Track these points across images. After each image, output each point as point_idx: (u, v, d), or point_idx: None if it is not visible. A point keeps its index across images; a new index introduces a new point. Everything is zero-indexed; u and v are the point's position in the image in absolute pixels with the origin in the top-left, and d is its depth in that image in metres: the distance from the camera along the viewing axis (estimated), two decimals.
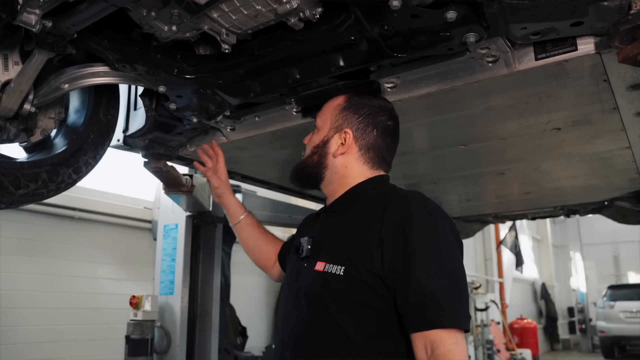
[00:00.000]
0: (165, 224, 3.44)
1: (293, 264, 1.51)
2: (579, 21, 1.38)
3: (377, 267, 1.24)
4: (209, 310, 3.43)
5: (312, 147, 1.58)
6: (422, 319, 1.17)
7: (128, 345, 3.03)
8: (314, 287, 1.34)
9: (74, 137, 1.97)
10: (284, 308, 1.50)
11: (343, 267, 1.28)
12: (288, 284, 1.52)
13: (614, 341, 13.06)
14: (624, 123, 2.07)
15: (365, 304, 1.25)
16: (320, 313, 1.31)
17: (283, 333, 1.45)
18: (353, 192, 1.49)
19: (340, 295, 1.28)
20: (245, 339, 5.17)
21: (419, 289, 1.19)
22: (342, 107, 1.57)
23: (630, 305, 12.76)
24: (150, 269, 4.85)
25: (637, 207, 3.73)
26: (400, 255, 1.22)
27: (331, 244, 1.39)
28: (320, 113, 1.64)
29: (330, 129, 1.55)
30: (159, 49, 1.69)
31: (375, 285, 1.24)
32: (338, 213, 1.46)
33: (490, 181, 3.09)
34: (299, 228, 1.72)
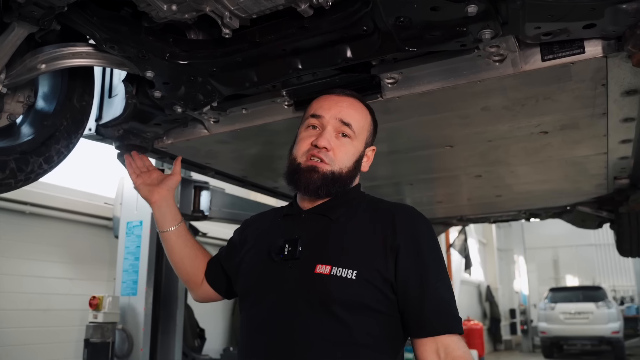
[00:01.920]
0: (128, 220, 3.26)
1: (267, 265, 1.40)
2: (591, 23, 1.37)
3: (390, 273, 1.29)
4: (173, 312, 3.29)
5: (354, 160, 1.46)
6: (437, 324, 1.27)
7: (87, 349, 2.85)
8: (318, 289, 1.29)
9: (46, 124, 1.81)
10: (256, 313, 1.37)
11: (355, 271, 1.28)
12: (258, 286, 1.40)
13: (553, 341, 13.63)
14: (609, 129, 2.11)
15: (373, 307, 1.28)
16: (323, 317, 1.26)
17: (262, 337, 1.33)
18: (343, 198, 1.46)
19: (350, 298, 1.27)
20: (203, 341, 5.01)
21: (432, 298, 1.28)
22: (372, 123, 1.55)
23: (570, 307, 13.35)
24: (106, 268, 4.62)
25: (597, 212, 3.86)
26: (414, 266, 1.30)
27: (334, 248, 1.35)
28: (357, 124, 1.46)
29: (366, 143, 1.51)
30: (151, 31, 1.57)
31: (385, 290, 1.29)
32: (331, 217, 1.41)
33: (465, 183, 3.11)
34: (250, 231, 1.61)
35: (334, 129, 1.43)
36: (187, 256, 1.75)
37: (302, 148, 1.44)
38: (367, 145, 1.51)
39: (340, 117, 1.44)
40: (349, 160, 1.44)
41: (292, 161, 1.46)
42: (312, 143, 1.42)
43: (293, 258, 1.34)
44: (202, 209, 3.46)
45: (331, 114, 1.44)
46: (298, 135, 1.50)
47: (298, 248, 1.35)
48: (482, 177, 2.95)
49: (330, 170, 1.40)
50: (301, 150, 1.44)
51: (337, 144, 1.42)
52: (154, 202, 1.79)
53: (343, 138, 1.44)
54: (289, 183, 1.47)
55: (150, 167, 1.93)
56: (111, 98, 2.14)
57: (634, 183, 3.11)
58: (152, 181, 1.85)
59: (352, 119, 1.45)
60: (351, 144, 1.45)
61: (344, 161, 1.42)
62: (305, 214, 1.46)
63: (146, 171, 1.90)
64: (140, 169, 1.91)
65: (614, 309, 13.23)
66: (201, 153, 2.47)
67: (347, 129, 1.44)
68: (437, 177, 2.99)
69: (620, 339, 12.79)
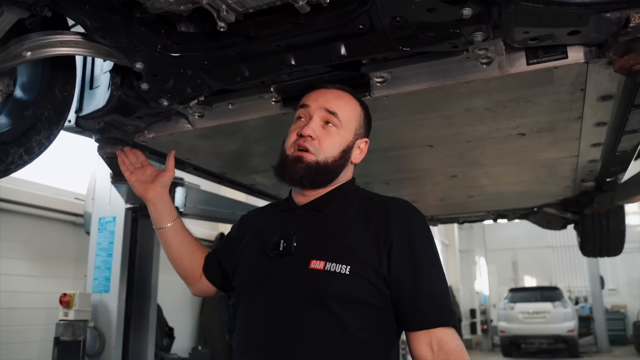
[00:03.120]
0: (100, 216, 3.19)
1: (263, 261, 1.41)
2: (576, 30, 1.43)
3: (384, 268, 1.30)
4: (145, 309, 3.24)
5: (341, 150, 1.45)
6: (431, 318, 1.28)
7: (57, 347, 2.77)
8: (312, 285, 1.30)
9: (26, 114, 1.76)
10: (253, 309, 1.37)
11: (349, 266, 1.28)
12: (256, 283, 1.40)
13: (512, 340, 14.01)
14: (582, 132, 2.20)
15: (367, 302, 1.29)
16: (318, 312, 1.27)
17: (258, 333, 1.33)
18: (337, 192, 1.47)
19: (344, 293, 1.28)
20: (172, 340, 4.94)
21: (426, 292, 1.29)
22: (364, 115, 1.54)
23: (528, 307, 13.75)
24: (73, 265, 4.50)
25: (562, 213, 4.01)
26: (407, 261, 1.31)
27: (328, 243, 1.36)
28: (343, 112, 1.47)
29: (355, 134, 1.50)
30: (143, 22, 1.55)
31: (379, 285, 1.30)
32: (326, 212, 1.42)
33: (441, 183, 3.17)
34: (248, 226, 1.61)
35: (320, 119, 1.44)
36: (185, 252, 1.72)
37: (290, 140, 1.46)
38: (357, 137, 1.50)
39: (326, 106, 1.45)
40: (335, 150, 1.43)
41: (282, 153, 1.48)
42: (297, 133, 1.44)
43: (288, 254, 1.35)
44: (176, 205, 3.40)
45: (317, 103, 1.46)
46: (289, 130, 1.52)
47: (293, 244, 1.35)
48: (457, 178, 3.02)
49: (314, 160, 1.41)
50: (289, 142, 1.46)
51: (323, 133, 1.43)
52: (149, 199, 1.73)
53: (329, 127, 1.44)
54: (276, 175, 1.48)
55: (144, 162, 1.85)
56: (93, 89, 2.10)
57: (599, 186, 3.25)
58: (146, 178, 1.78)
59: (338, 108, 1.45)
60: (338, 133, 1.45)
61: (329, 150, 1.43)
62: (300, 210, 1.47)
63: (140, 167, 1.82)
64: (134, 165, 1.82)
65: (570, 308, 13.72)
66: (183, 148, 2.45)
67: (332, 118, 1.44)
68: (413, 176, 3.04)
69: (574, 337, 13.26)
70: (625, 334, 15.70)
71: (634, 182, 3.01)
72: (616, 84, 1.72)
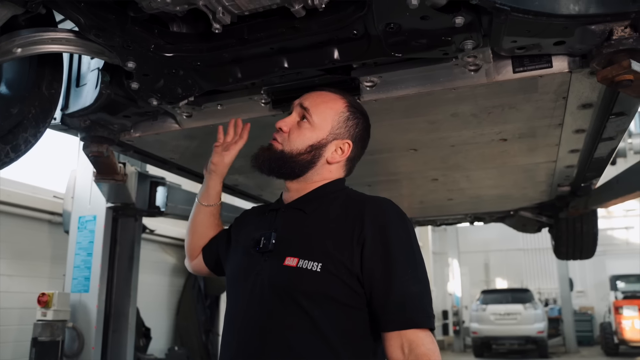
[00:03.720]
0: (80, 215, 3.15)
1: (246, 257, 1.46)
2: (561, 40, 1.49)
3: (356, 266, 1.30)
4: (125, 309, 3.21)
5: (307, 145, 1.49)
6: (402, 319, 1.25)
7: (35, 348, 2.72)
8: (284, 281, 1.33)
9: (13, 112, 1.74)
10: (234, 303, 1.44)
11: (320, 263, 1.30)
12: (239, 278, 1.45)
13: (484, 341, 14.25)
14: (562, 138, 2.27)
15: (339, 300, 1.29)
16: (291, 308, 1.30)
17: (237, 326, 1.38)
18: (320, 192, 1.51)
19: (315, 291, 1.29)
20: (148, 340, 4.89)
21: (398, 292, 1.27)
22: (346, 116, 1.54)
23: (500, 308, 14.01)
24: (49, 264, 4.42)
25: (537, 217, 4.11)
26: (380, 259, 1.30)
27: (303, 241, 1.39)
28: (316, 108, 1.51)
29: (330, 134, 1.51)
30: (136, 21, 1.55)
31: (352, 283, 1.30)
32: (306, 211, 1.46)
33: (422, 186, 3.22)
34: (243, 222, 1.67)
35: (297, 114, 1.53)
36: (203, 234, 1.79)
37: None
38: (335, 137, 1.51)
39: (301, 102, 1.53)
40: (301, 143, 1.48)
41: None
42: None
43: (267, 251, 1.39)
44: (158, 204, 3.38)
45: (299, 101, 1.55)
46: None
47: (272, 241, 1.39)
48: (438, 181, 3.08)
49: (280, 149, 1.49)
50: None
51: (295, 127, 1.51)
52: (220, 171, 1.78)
53: (302, 122, 1.51)
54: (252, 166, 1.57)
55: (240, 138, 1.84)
56: (79, 87, 2.08)
57: (574, 190, 3.35)
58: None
59: (312, 105, 1.51)
60: (308, 129, 1.50)
61: (295, 143, 1.49)
62: (284, 208, 1.51)
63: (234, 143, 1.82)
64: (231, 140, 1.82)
65: (540, 310, 14.02)
66: (168, 147, 2.44)
67: (306, 113, 1.50)
68: (396, 179, 3.08)
69: (544, 338, 13.58)
70: (593, 335, 16.15)
71: (608, 188, 3.11)
72: (597, 93, 1.79)
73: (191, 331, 5.92)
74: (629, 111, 1.93)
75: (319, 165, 1.51)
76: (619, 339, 13.17)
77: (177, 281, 6.37)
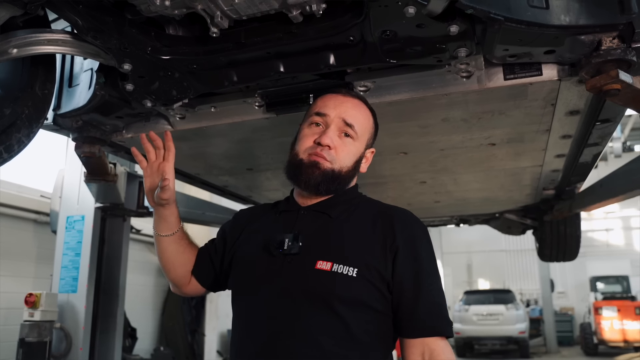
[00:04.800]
0: (68, 215, 3.13)
1: (264, 259, 1.40)
2: (552, 49, 1.53)
3: (388, 273, 1.32)
4: (113, 310, 3.19)
5: (354, 160, 1.46)
6: (426, 326, 1.30)
7: (22, 349, 2.70)
8: (318, 285, 1.31)
9: (6, 112, 1.73)
10: (252, 306, 1.38)
11: (356, 268, 1.30)
12: (254, 279, 1.40)
13: (467, 341, 14.37)
14: (548, 144, 2.33)
15: (371, 305, 1.31)
16: (323, 311, 1.29)
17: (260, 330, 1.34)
18: (343, 197, 1.47)
19: (350, 295, 1.29)
20: (134, 340, 4.86)
21: (425, 301, 1.31)
22: (374, 125, 1.55)
23: (482, 309, 14.13)
24: (34, 264, 4.37)
25: (522, 220, 4.18)
26: (410, 268, 1.34)
27: (335, 245, 1.37)
28: (358, 123, 1.46)
29: (367, 144, 1.51)
30: (134, 24, 1.55)
31: (383, 289, 1.32)
32: (331, 215, 1.43)
33: (410, 188, 3.26)
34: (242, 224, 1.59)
35: (337, 128, 1.43)
36: (180, 262, 1.64)
37: (305, 144, 1.43)
38: (367, 147, 1.52)
39: (344, 117, 1.43)
40: (349, 160, 1.44)
41: (294, 156, 1.45)
42: (315, 141, 1.41)
43: (292, 253, 1.35)
44: (146, 205, 3.37)
45: (336, 113, 1.44)
46: (300, 132, 1.49)
47: (298, 243, 1.35)
48: (426, 184, 3.12)
49: (330, 167, 1.40)
50: (304, 146, 1.43)
51: (340, 143, 1.43)
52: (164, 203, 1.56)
53: (345, 138, 1.44)
54: (289, 177, 1.46)
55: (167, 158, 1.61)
56: (72, 87, 2.07)
57: (559, 194, 3.41)
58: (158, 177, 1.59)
59: (355, 120, 1.45)
60: (353, 144, 1.45)
61: (344, 160, 1.43)
62: (304, 211, 1.46)
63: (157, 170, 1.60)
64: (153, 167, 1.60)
65: (522, 310, 14.17)
66: None
67: (349, 130, 1.44)
68: (385, 181, 3.11)
69: (525, 339, 13.73)
70: (573, 335, 16.39)
71: (592, 191, 3.18)
72: (584, 100, 1.84)
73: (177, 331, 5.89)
74: (614, 118, 1.99)
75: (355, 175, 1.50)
76: (598, 339, 13.39)
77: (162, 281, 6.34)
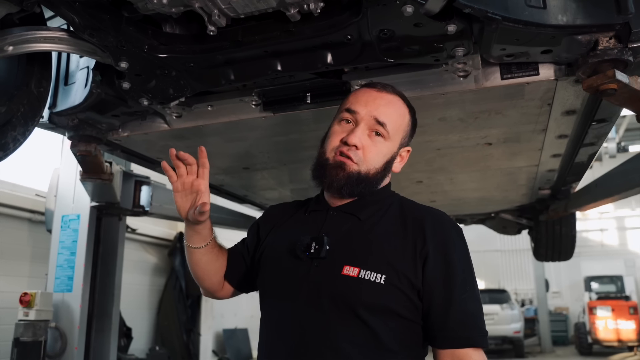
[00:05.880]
0: (63, 214, 3.11)
1: (291, 261, 1.33)
2: (549, 49, 1.54)
3: (418, 280, 1.24)
4: (108, 309, 3.18)
5: (384, 162, 1.34)
6: (459, 337, 1.22)
7: (17, 348, 2.68)
8: (344, 292, 1.25)
9: (2, 110, 1.72)
10: (279, 309, 1.32)
11: (384, 275, 1.23)
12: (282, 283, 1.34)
13: None
14: (545, 143, 2.33)
15: (400, 313, 1.24)
16: (350, 318, 1.24)
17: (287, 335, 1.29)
18: (375, 197, 1.37)
19: (377, 302, 1.23)
20: (129, 340, 4.84)
21: (458, 309, 1.23)
22: (410, 122, 1.42)
23: None
24: (29, 263, 4.35)
25: (517, 219, 4.19)
26: (441, 275, 1.25)
27: (362, 250, 1.29)
28: (390, 121, 1.34)
29: (401, 144, 1.39)
30: (131, 22, 1.55)
31: (412, 297, 1.25)
32: (360, 217, 1.34)
33: (406, 188, 3.25)
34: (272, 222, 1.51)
35: (367, 127, 1.32)
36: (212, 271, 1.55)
37: (332, 143, 1.34)
38: (401, 146, 1.40)
39: (375, 115, 1.32)
40: (378, 162, 1.33)
41: (321, 155, 1.37)
42: (342, 140, 1.32)
43: (319, 257, 1.28)
44: (142, 204, 3.36)
45: (367, 110, 1.33)
46: (330, 129, 1.38)
47: (325, 247, 1.28)
48: (422, 183, 3.12)
49: (357, 170, 1.31)
50: (331, 145, 1.34)
51: (369, 143, 1.32)
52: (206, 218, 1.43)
53: (376, 137, 1.33)
54: (314, 177, 1.38)
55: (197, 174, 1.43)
56: (68, 86, 2.06)
57: (554, 194, 3.43)
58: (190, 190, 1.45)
59: (387, 119, 1.33)
60: (384, 144, 1.33)
61: (373, 162, 1.32)
62: (334, 211, 1.38)
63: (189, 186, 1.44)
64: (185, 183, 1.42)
65: (516, 310, 14.22)
66: (156, 147, 2.43)
67: (381, 129, 1.32)
68: None
69: (520, 338, 13.77)
70: (567, 335, 16.46)
71: (587, 191, 3.19)
72: (580, 100, 1.84)
73: (172, 331, 5.88)
74: (610, 118, 1.99)
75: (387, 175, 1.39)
76: (592, 338, 13.46)
77: (158, 281, 6.32)
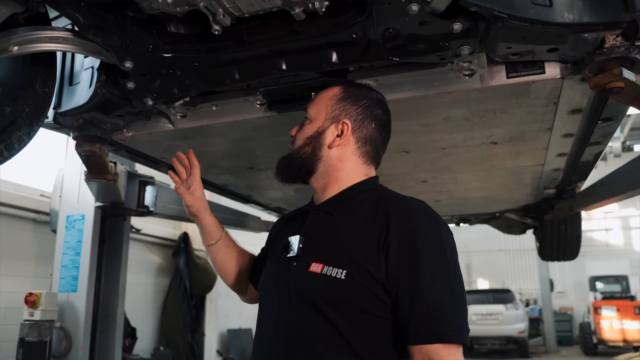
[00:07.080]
0: (68, 214, 3.12)
1: (276, 262, 1.42)
2: (555, 48, 1.52)
3: (382, 274, 1.22)
4: (113, 310, 3.19)
5: (305, 137, 1.45)
6: (425, 332, 1.16)
7: (22, 349, 2.69)
8: (309, 288, 1.27)
9: (7, 110, 1.72)
10: (264, 310, 1.40)
11: (345, 270, 1.23)
12: (269, 283, 1.41)
13: None
14: (550, 142, 2.32)
15: (364, 309, 1.22)
16: (315, 315, 1.25)
17: (267, 334, 1.34)
18: (348, 193, 1.40)
19: (339, 298, 1.23)
20: (134, 340, 4.85)
21: (424, 302, 1.17)
22: (339, 97, 1.46)
23: (482, 309, 14.13)
24: (34, 263, 4.36)
25: (522, 219, 4.17)
26: (407, 266, 1.21)
27: (329, 246, 1.32)
28: (313, 103, 1.50)
29: (326, 120, 1.44)
30: (135, 21, 1.55)
31: (377, 292, 1.22)
32: (333, 214, 1.38)
33: (411, 187, 3.25)
34: (278, 227, 1.62)
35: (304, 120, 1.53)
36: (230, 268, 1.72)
37: None
38: (332, 121, 1.45)
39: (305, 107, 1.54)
40: (301, 139, 1.48)
41: None
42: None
43: (296, 256, 1.34)
44: (147, 204, 3.36)
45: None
46: None
47: (299, 245, 1.34)
48: (427, 183, 3.11)
49: (288, 154, 1.50)
50: None
51: (297, 130, 1.52)
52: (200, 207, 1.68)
53: (304, 125, 1.51)
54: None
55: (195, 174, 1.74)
56: (72, 86, 2.06)
57: (560, 193, 3.41)
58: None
59: (310, 106, 1.52)
60: (308, 125, 1.49)
61: (297, 141, 1.49)
62: (314, 211, 1.44)
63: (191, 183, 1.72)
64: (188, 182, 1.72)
65: (521, 310, 14.18)
66: (160, 147, 2.43)
67: (306, 115, 1.51)
68: (386, 180, 3.08)
69: (525, 338, 13.74)
70: (572, 335, 16.41)
71: (593, 190, 3.18)
72: (586, 98, 1.83)
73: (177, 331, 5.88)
74: (617, 117, 1.98)
75: (323, 154, 1.43)
76: (597, 338, 13.40)
77: (162, 281, 6.33)
